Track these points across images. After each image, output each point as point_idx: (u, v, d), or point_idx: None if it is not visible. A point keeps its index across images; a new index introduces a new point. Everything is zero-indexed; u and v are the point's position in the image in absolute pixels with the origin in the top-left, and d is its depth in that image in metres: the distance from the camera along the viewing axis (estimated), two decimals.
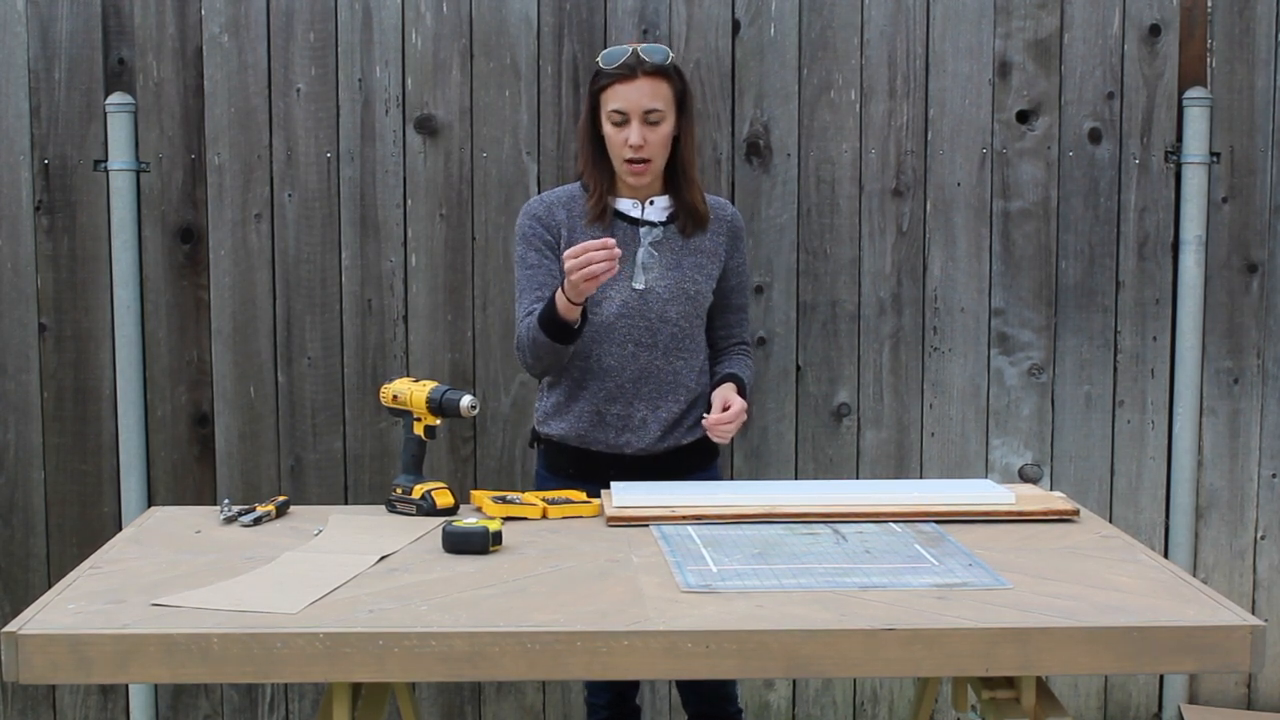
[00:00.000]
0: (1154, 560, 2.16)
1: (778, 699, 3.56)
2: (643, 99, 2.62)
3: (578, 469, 2.73)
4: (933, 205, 3.46)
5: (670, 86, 2.66)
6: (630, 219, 2.72)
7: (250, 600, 1.92)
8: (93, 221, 3.41)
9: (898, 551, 2.18)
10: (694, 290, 2.72)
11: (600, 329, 2.68)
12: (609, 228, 2.70)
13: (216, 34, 3.38)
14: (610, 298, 2.68)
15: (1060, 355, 3.51)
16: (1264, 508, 3.56)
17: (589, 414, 2.71)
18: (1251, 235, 3.50)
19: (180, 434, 3.46)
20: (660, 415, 2.71)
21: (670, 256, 2.71)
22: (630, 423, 2.70)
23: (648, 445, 2.70)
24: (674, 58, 2.68)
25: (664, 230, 2.72)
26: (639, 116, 2.62)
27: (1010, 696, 2.06)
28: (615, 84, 2.63)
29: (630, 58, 2.63)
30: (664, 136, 2.65)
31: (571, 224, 2.72)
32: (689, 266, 2.72)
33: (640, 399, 2.70)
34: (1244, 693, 3.61)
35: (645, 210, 2.72)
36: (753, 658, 1.80)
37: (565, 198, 2.77)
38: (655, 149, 2.65)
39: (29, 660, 1.79)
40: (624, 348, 2.69)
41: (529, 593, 1.97)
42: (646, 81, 2.63)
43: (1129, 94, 3.46)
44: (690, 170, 2.73)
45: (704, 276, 2.74)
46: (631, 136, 2.62)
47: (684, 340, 2.72)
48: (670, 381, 2.71)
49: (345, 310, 3.44)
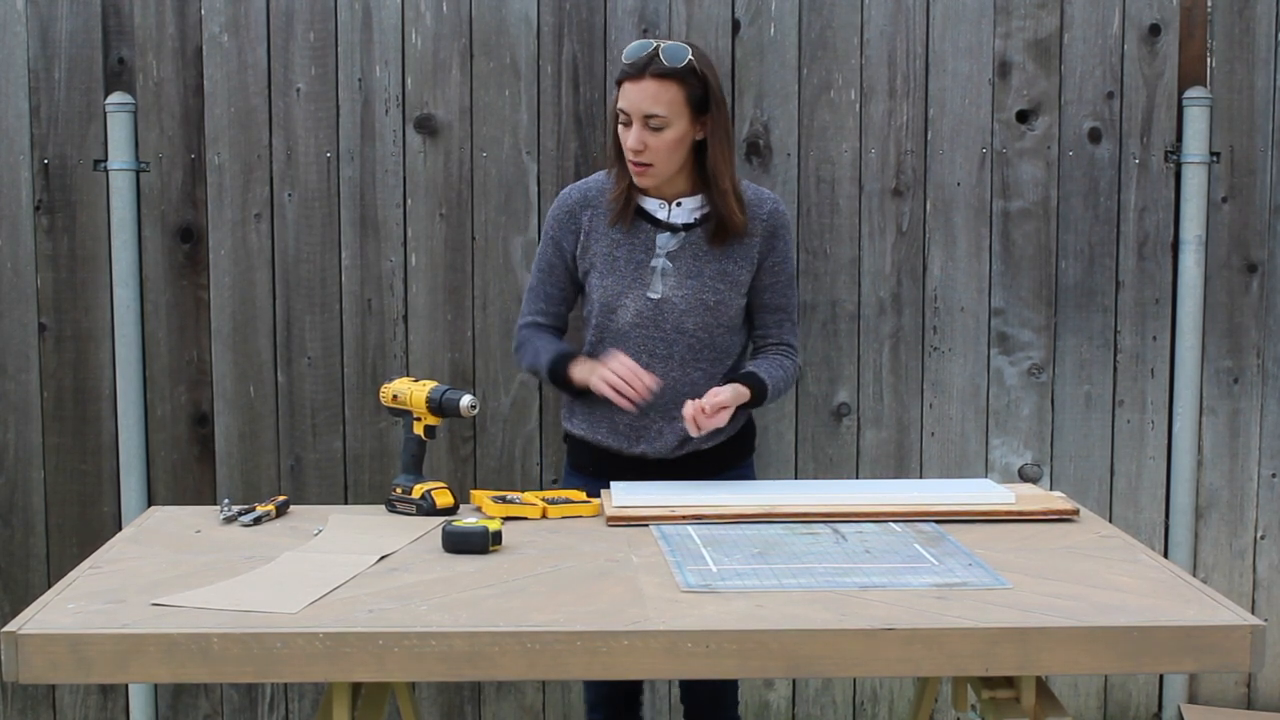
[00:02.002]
0: (1154, 560, 2.16)
1: (778, 699, 3.56)
2: (643, 102, 2.53)
3: (598, 468, 2.70)
4: (932, 205, 3.47)
5: (682, 90, 2.53)
6: (654, 220, 2.64)
7: (250, 600, 1.92)
8: (92, 221, 3.41)
9: (898, 551, 2.18)
10: (714, 301, 2.62)
11: (615, 337, 2.63)
12: (630, 228, 2.63)
13: (216, 34, 3.38)
14: (625, 306, 2.62)
15: (1060, 355, 3.51)
16: (1264, 507, 3.56)
17: (604, 421, 2.67)
18: (1251, 235, 3.50)
19: (180, 434, 3.46)
20: (676, 426, 2.63)
21: (690, 264, 2.62)
22: (645, 434, 2.66)
23: (665, 452, 2.66)
24: (693, 60, 2.55)
25: (686, 236, 2.62)
26: (639, 119, 2.54)
27: (1010, 696, 2.06)
28: (624, 81, 2.55)
29: (644, 57, 2.53)
30: (668, 142, 2.55)
31: (594, 223, 2.65)
32: (711, 275, 2.62)
33: (655, 410, 2.62)
34: (1244, 692, 3.61)
35: (671, 212, 2.63)
36: (753, 657, 1.81)
37: (597, 190, 2.69)
38: (657, 154, 2.55)
39: (29, 660, 1.79)
40: (639, 358, 2.60)
41: (529, 593, 1.97)
42: (652, 84, 2.52)
43: (1129, 94, 3.46)
44: (720, 178, 2.59)
45: (728, 285, 2.63)
46: (630, 139, 2.54)
47: (703, 351, 2.64)
48: (687, 393, 2.60)
49: (345, 310, 3.44)
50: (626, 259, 2.63)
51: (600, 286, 2.65)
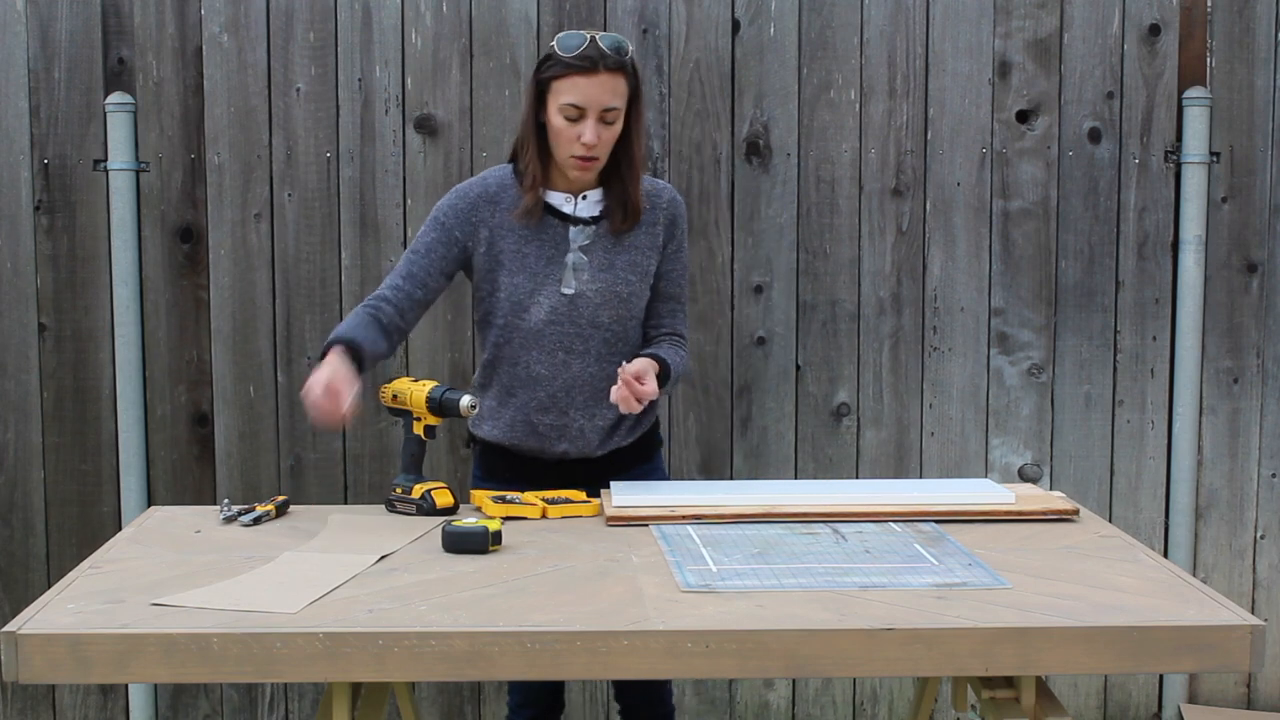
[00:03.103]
0: (1154, 560, 2.16)
1: (778, 699, 3.56)
2: (603, 96, 2.45)
3: (514, 472, 2.63)
4: (932, 205, 3.46)
5: (628, 82, 2.49)
6: (561, 215, 2.57)
7: (250, 600, 1.92)
8: (92, 221, 3.41)
9: (897, 551, 2.18)
10: (627, 292, 2.58)
11: (529, 336, 2.56)
12: (539, 223, 2.56)
13: (216, 34, 3.38)
14: (539, 303, 2.55)
15: (1060, 355, 3.51)
16: (1263, 507, 3.56)
17: (521, 423, 2.61)
18: (1251, 235, 3.50)
19: (180, 434, 3.46)
20: (597, 424, 2.60)
21: (602, 257, 2.57)
22: (567, 433, 2.60)
23: (586, 451, 2.61)
24: (632, 51, 2.53)
25: (595, 229, 2.57)
26: (596, 114, 2.46)
27: (1010, 696, 2.06)
28: (573, 75, 2.45)
29: (590, 48, 2.45)
30: (616, 134, 2.51)
31: (497, 220, 2.57)
32: (621, 266, 2.58)
33: (574, 408, 2.58)
34: (1244, 692, 3.61)
35: (577, 206, 2.57)
36: (753, 657, 1.80)
37: (495, 188, 2.60)
38: (607, 147, 2.51)
39: (29, 660, 1.79)
40: (554, 355, 2.56)
41: (529, 593, 1.97)
42: (608, 78, 2.45)
43: (1129, 94, 3.46)
44: (638, 166, 2.56)
45: (638, 275, 2.59)
46: (586, 134, 2.46)
47: (617, 344, 2.59)
48: (605, 388, 2.55)
49: (345, 310, 3.43)
50: (537, 255, 2.56)
51: (510, 284, 2.57)
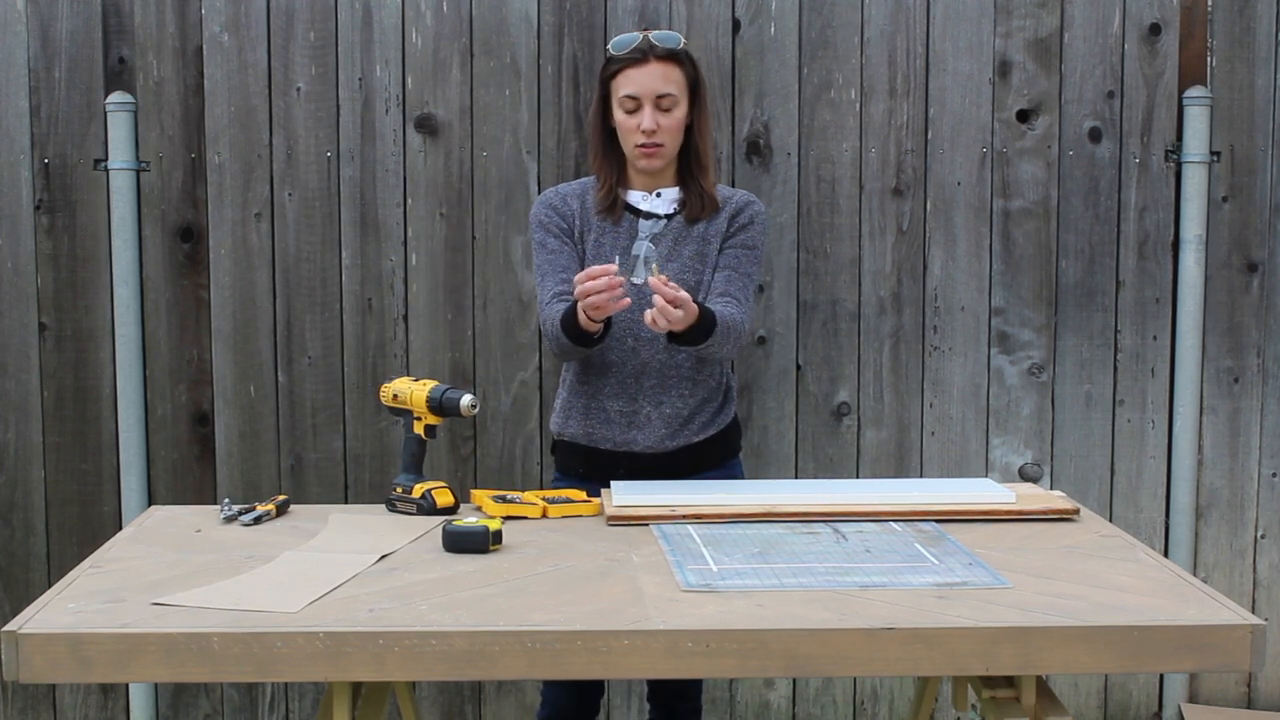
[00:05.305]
0: (1154, 559, 2.16)
1: (778, 698, 3.56)
2: (655, 83, 2.61)
3: (588, 468, 2.72)
4: (933, 204, 3.46)
5: (683, 72, 2.65)
6: (638, 211, 2.71)
7: (250, 599, 1.92)
8: (93, 221, 3.41)
9: (898, 551, 2.18)
10: (694, 281, 2.68)
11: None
12: (619, 220, 2.70)
13: (216, 33, 3.38)
14: None
15: (1060, 354, 3.51)
16: (1264, 507, 3.56)
17: (595, 411, 2.71)
18: (1251, 234, 3.49)
19: (180, 433, 3.46)
20: (664, 411, 2.68)
21: (670, 247, 2.69)
22: (635, 419, 2.69)
23: (655, 443, 2.69)
24: (686, 44, 2.68)
25: (667, 223, 2.70)
26: (651, 101, 2.61)
27: (1010, 696, 2.06)
28: (627, 69, 2.63)
29: (642, 43, 2.63)
30: (677, 122, 2.64)
31: (585, 214, 2.72)
32: (689, 256, 2.69)
33: (643, 394, 2.68)
34: (1244, 692, 3.61)
35: (653, 203, 2.71)
36: (753, 657, 1.80)
37: (579, 189, 2.76)
38: (668, 134, 2.64)
39: (29, 660, 1.78)
40: (624, 342, 2.68)
41: (529, 592, 1.97)
42: (659, 66, 2.62)
43: (1129, 93, 3.46)
44: (705, 159, 2.70)
45: (705, 265, 2.70)
46: (644, 121, 2.61)
47: None
48: (673, 376, 2.68)
49: (345, 309, 3.44)
50: (612, 247, 2.69)
51: None
